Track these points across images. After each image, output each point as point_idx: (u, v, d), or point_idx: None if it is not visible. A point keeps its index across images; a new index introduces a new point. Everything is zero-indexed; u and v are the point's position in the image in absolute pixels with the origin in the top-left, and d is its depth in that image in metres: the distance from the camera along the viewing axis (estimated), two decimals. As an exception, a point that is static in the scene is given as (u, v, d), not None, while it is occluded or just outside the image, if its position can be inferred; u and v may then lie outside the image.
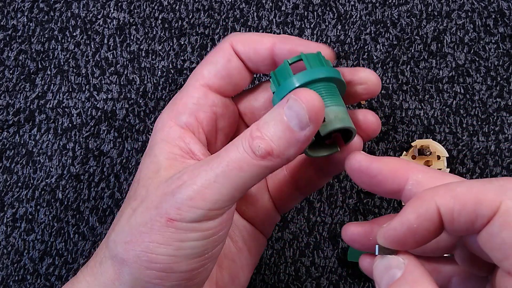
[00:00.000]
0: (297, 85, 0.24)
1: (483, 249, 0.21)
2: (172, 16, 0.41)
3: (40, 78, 0.40)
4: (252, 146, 0.23)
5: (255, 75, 0.35)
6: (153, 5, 0.41)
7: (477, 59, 0.40)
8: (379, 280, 0.23)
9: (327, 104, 0.24)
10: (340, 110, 0.25)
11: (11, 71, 0.40)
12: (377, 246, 0.24)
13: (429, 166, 0.37)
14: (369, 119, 0.27)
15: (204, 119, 0.27)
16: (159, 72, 0.40)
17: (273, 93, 0.26)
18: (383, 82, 0.40)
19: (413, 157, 0.37)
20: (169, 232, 0.24)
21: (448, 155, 0.37)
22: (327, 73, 0.25)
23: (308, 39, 0.41)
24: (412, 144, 0.38)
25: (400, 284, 0.22)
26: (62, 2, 0.41)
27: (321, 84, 0.25)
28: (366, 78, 0.27)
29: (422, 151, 0.37)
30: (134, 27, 0.41)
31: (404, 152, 0.38)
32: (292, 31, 0.41)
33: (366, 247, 0.25)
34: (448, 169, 0.37)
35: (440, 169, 0.37)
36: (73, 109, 0.40)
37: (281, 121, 0.24)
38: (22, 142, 0.40)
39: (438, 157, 0.37)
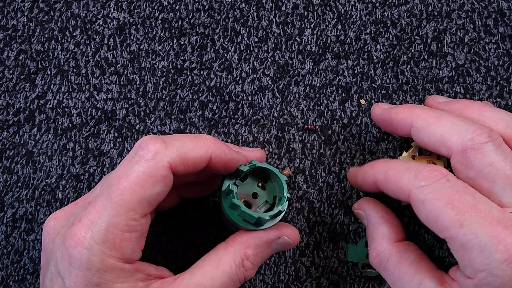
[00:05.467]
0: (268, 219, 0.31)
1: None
2: (172, 16, 0.41)
3: (40, 78, 0.40)
4: (244, 276, 0.31)
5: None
6: (153, 5, 0.41)
7: (477, 59, 0.40)
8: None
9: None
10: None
11: (11, 71, 0.40)
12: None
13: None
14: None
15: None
16: (159, 72, 0.40)
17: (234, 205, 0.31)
18: (383, 82, 0.40)
19: (413, 157, 0.37)
20: None
21: None
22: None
23: (308, 39, 0.41)
24: (412, 144, 0.38)
25: (366, 233, 0.36)
26: (62, 2, 0.41)
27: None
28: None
29: (422, 151, 0.37)
30: (134, 27, 0.41)
31: (404, 152, 0.38)
32: (292, 31, 0.41)
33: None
34: (449, 169, 0.37)
35: None
36: (73, 109, 0.40)
37: (269, 253, 0.32)
38: (22, 142, 0.40)
39: (438, 157, 0.37)
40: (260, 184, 0.34)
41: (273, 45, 0.41)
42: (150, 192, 0.27)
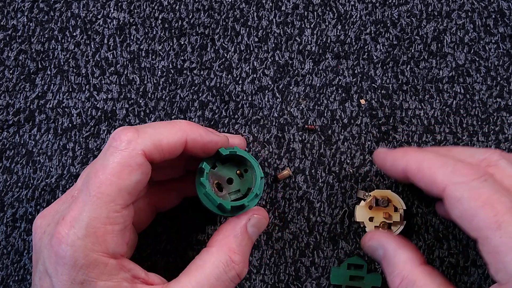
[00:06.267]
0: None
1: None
2: (172, 16, 0.41)
3: (40, 78, 0.40)
4: (236, 271, 0.30)
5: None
6: (153, 5, 0.41)
7: (477, 59, 0.40)
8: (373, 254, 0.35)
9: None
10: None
11: (11, 71, 0.40)
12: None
13: (386, 217, 0.37)
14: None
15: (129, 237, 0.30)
16: (159, 72, 0.40)
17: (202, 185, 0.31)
18: (383, 82, 0.40)
19: (370, 207, 0.37)
20: None
21: (405, 208, 0.37)
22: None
23: (308, 39, 0.41)
24: (371, 193, 0.37)
25: (384, 262, 0.33)
26: (62, 2, 0.41)
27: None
28: None
29: (379, 202, 0.37)
30: (134, 27, 0.41)
31: (362, 201, 0.37)
32: (292, 31, 0.41)
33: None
34: (405, 222, 0.37)
35: (396, 221, 0.36)
36: (73, 109, 0.40)
37: (249, 239, 0.32)
38: (22, 142, 0.40)
39: (395, 209, 0.37)
40: (238, 172, 0.33)
41: (273, 45, 0.41)
42: (128, 182, 0.27)
